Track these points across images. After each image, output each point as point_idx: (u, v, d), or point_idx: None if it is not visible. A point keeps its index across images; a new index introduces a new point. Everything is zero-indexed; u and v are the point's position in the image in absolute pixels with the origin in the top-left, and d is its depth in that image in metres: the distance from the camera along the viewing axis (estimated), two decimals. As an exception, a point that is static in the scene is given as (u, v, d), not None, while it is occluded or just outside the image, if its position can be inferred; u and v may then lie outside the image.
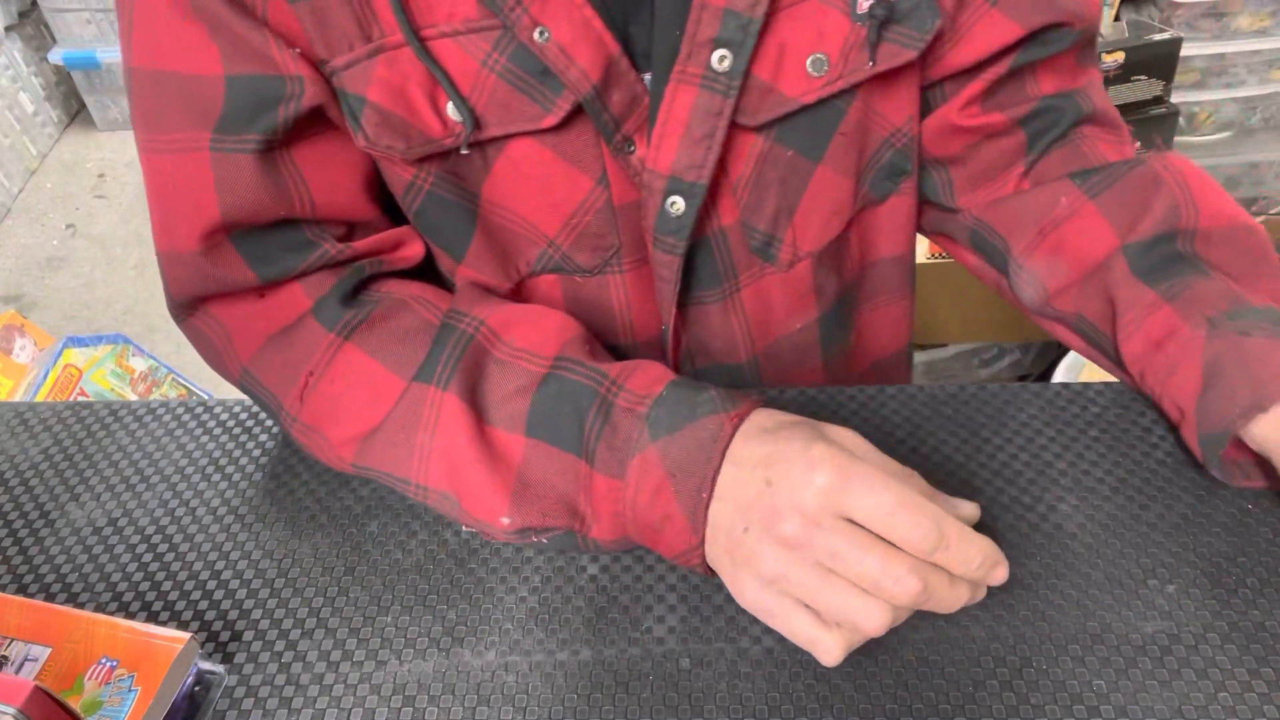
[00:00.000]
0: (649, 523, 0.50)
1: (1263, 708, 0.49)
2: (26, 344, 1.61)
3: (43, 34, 2.51)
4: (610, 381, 0.52)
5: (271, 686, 0.52)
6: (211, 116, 0.53)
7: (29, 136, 2.48)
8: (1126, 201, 0.61)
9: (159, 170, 0.55)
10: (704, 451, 0.49)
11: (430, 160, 0.57)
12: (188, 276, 0.57)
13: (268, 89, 0.53)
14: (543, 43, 0.52)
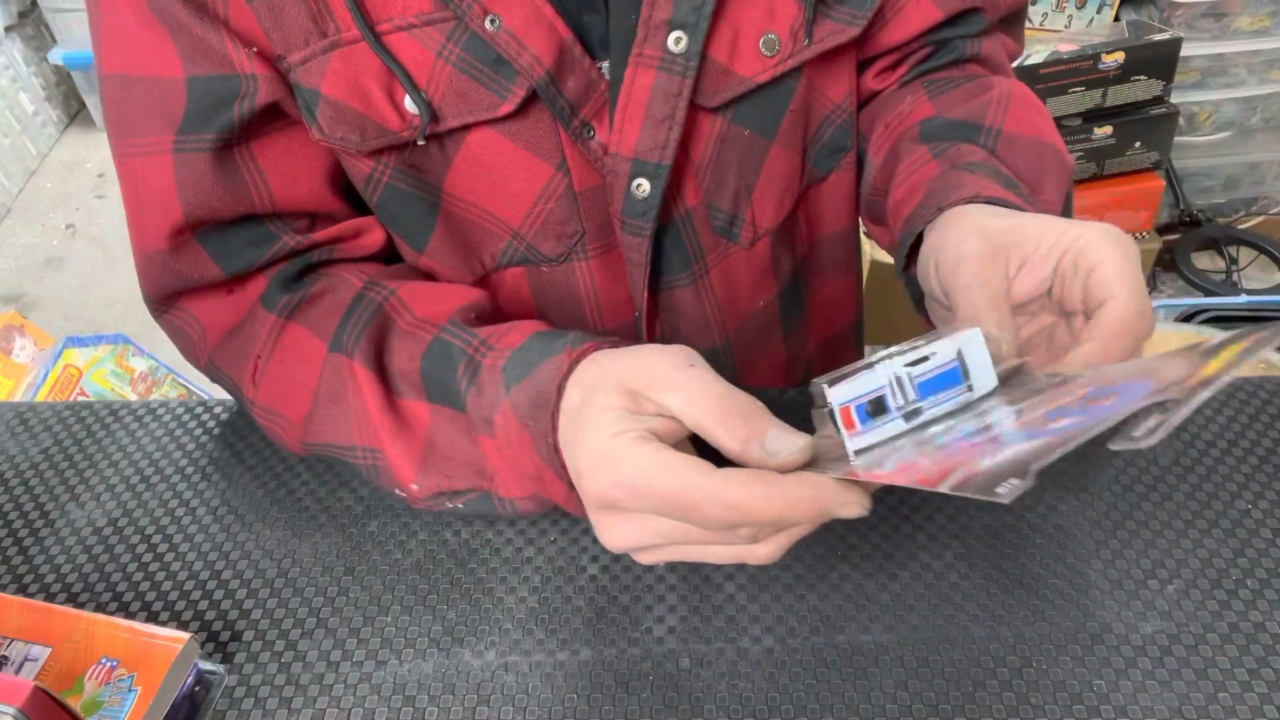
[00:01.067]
0: (533, 476, 0.49)
1: (1263, 708, 0.49)
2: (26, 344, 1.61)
3: (43, 34, 2.51)
4: (480, 342, 0.52)
5: (271, 686, 0.52)
6: (176, 119, 0.54)
7: (29, 136, 2.48)
8: (954, 100, 0.63)
9: (131, 174, 0.57)
10: (544, 394, 0.47)
11: (388, 153, 0.58)
12: (158, 274, 0.58)
13: (224, 88, 0.54)
14: (494, 30, 0.53)
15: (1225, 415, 0.64)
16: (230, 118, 0.54)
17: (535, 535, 0.58)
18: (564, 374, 0.46)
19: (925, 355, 0.40)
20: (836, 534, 0.57)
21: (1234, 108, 1.89)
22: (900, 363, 0.40)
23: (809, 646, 0.52)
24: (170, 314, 0.61)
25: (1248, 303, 1.59)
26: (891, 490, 0.59)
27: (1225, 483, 0.60)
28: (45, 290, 2.18)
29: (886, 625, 0.53)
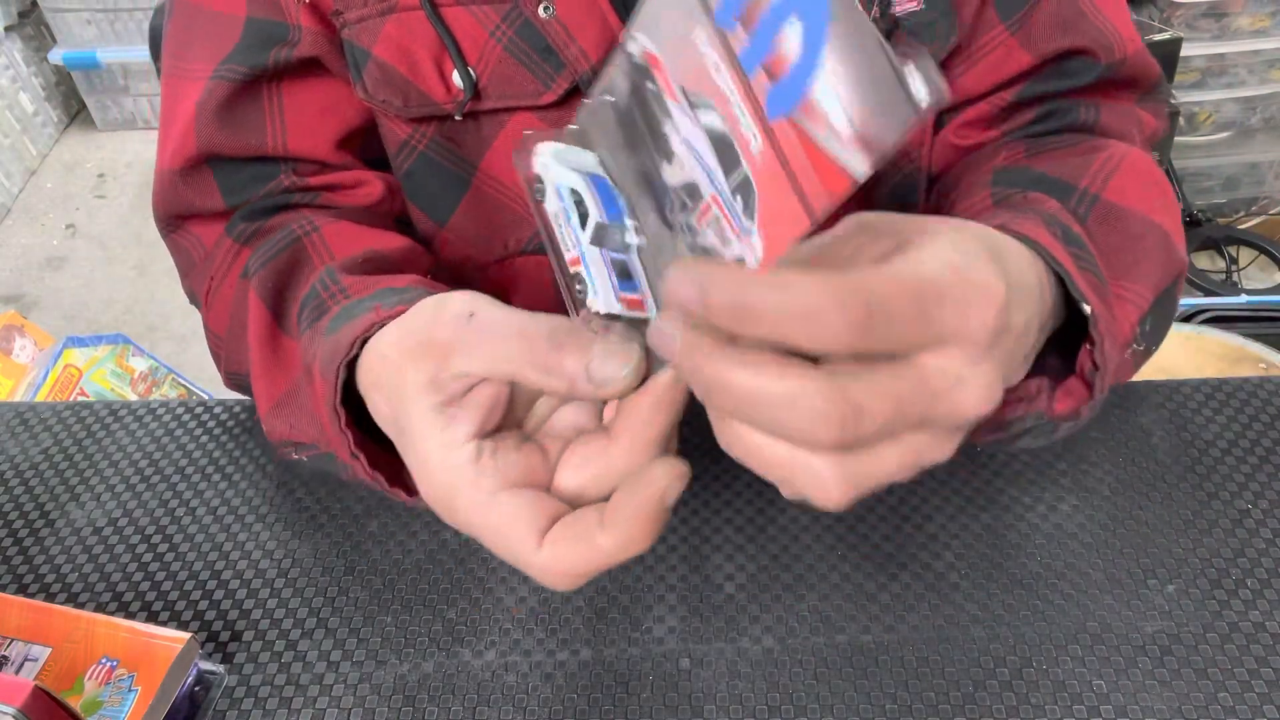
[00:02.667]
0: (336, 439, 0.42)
1: (1262, 708, 0.49)
2: (26, 344, 1.61)
3: (43, 34, 2.51)
4: (339, 289, 0.48)
5: (271, 686, 0.52)
6: (223, 51, 0.57)
7: (29, 136, 2.48)
8: (1054, 158, 0.53)
9: (169, 92, 0.60)
10: (338, 350, 0.41)
11: (427, 123, 0.59)
12: (165, 192, 0.60)
13: (271, 33, 0.56)
14: (546, 18, 0.53)
15: (1225, 415, 0.64)
16: (265, 60, 0.56)
17: (535, 535, 0.58)
18: (359, 332, 0.40)
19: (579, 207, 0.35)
20: (836, 534, 0.57)
21: (1234, 108, 1.89)
22: (576, 229, 0.35)
23: (809, 646, 0.52)
24: (177, 234, 0.62)
25: (1248, 303, 1.59)
26: (891, 490, 0.60)
27: (1225, 483, 0.60)
28: (45, 290, 2.18)
29: (886, 625, 0.53)
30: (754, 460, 0.31)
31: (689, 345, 0.29)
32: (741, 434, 0.31)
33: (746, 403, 0.29)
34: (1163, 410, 0.64)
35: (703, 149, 0.30)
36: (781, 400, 0.28)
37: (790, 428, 0.28)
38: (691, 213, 0.31)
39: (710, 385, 0.29)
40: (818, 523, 0.58)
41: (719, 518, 0.59)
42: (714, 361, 0.29)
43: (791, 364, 0.28)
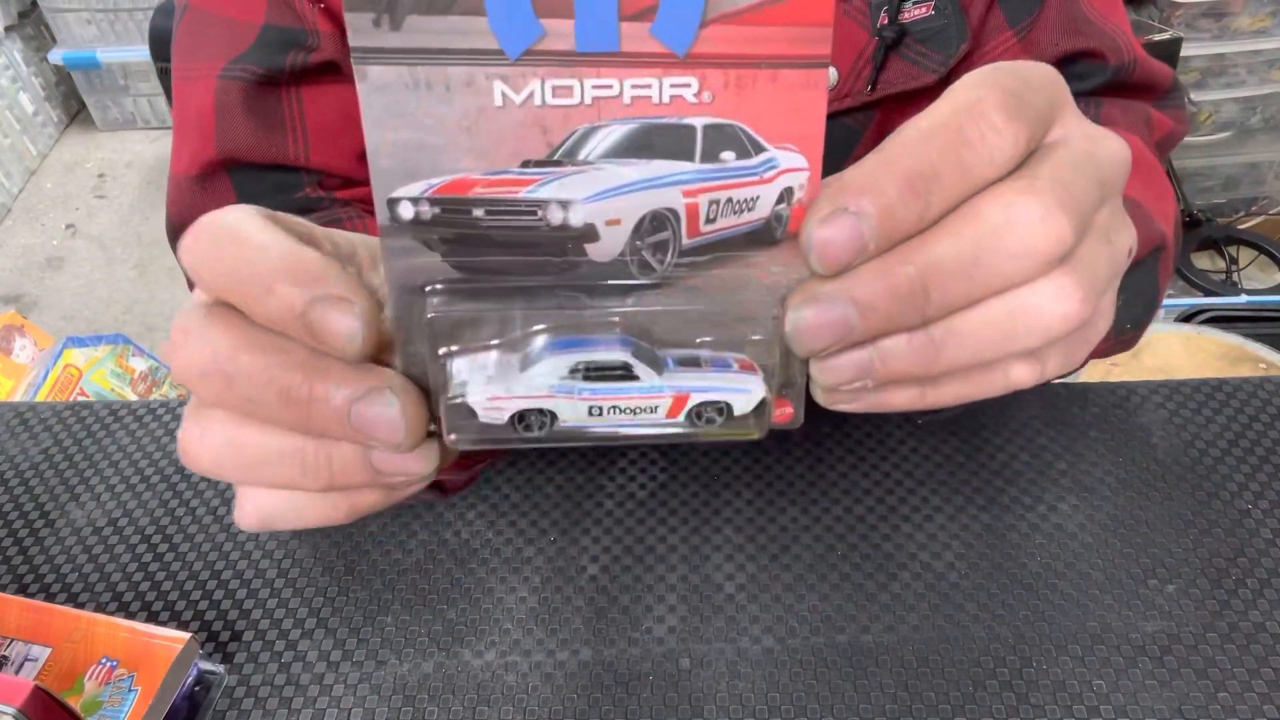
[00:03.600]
0: None
1: (1262, 708, 0.49)
2: (26, 344, 1.61)
3: (43, 34, 2.51)
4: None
5: (271, 686, 0.52)
6: (237, 52, 0.56)
7: (29, 136, 2.48)
8: None
9: (181, 96, 0.58)
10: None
11: None
12: (180, 200, 0.59)
13: (288, 37, 0.56)
14: None
15: (1225, 415, 0.64)
16: (282, 62, 0.55)
17: (535, 535, 0.58)
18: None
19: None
20: (836, 534, 0.57)
21: (1234, 108, 1.89)
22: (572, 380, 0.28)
23: (809, 646, 0.52)
24: None
25: (1248, 303, 1.59)
26: (891, 490, 0.60)
27: (1225, 483, 0.60)
28: (45, 290, 2.18)
29: (886, 625, 0.53)
30: (988, 336, 0.26)
31: (873, 276, 0.25)
32: (961, 324, 0.26)
33: (969, 259, 0.25)
34: (1163, 410, 0.64)
35: (635, 179, 0.26)
36: (1002, 225, 0.25)
37: (1016, 249, 0.25)
38: (667, 237, 0.27)
39: (924, 279, 0.25)
40: (818, 523, 0.58)
41: (719, 518, 0.59)
42: (910, 255, 0.25)
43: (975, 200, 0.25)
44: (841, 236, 0.25)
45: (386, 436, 0.27)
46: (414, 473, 0.28)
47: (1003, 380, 0.28)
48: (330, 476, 0.28)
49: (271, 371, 0.26)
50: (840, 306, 0.26)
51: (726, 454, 0.62)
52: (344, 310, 0.26)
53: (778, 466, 0.61)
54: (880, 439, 0.62)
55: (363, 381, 0.26)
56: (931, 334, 0.26)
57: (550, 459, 0.62)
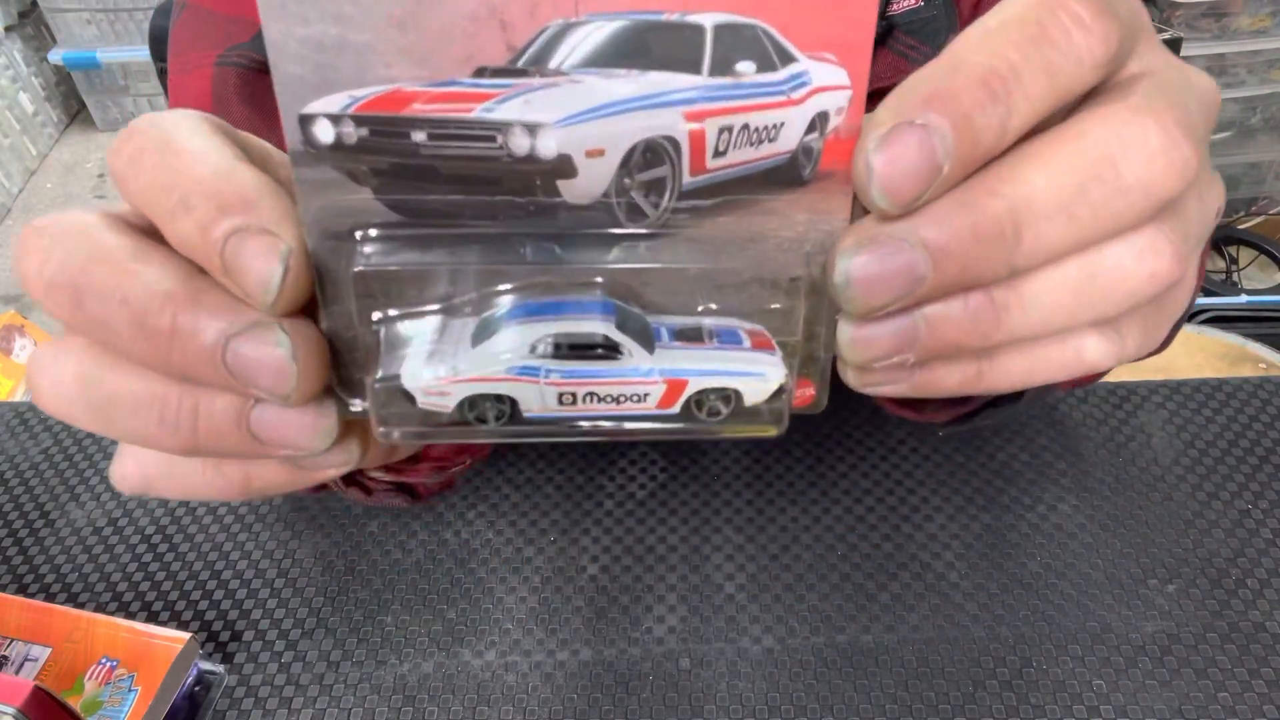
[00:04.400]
0: None
1: (1262, 708, 0.49)
2: (26, 344, 1.61)
3: (43, 34, 2.51)
4: None
5: (271, 686, 0.52)
6: (234, 42, 0.55)
7: (29, 136, 2.48)
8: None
9: (176, 89, 0.58)
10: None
11: None
12: None
13: None
14: None
15: (1225, 415, 0.64)
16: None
17: (535, 535, 0.58)
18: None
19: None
20: (836, 534, 0.57)
21: (1234, 108, 1.89)
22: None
23: (809, 646, 0.52)
24: None
25: (1248, 303, 1.59)
26: (891, 490, 0.60)
27: (1225, 483, 0.60)
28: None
29: (886, 625, 0.53)
30: (1061, 299, 0.22)
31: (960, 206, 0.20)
32: (1030, 283, 0.21)
33: (1073, 192, 0.20)
34: (1163, 410, 0.64)
35: (639, 92, 0.20)
36: (1114, 150, 0.20)
37: (1131, 181, 0.20)
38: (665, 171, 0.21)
39: (1015, 217, 0.20)
40: (818, 523, 0.58)
41: (719, 518, 0.59)
42: (996, 184, 0.20)
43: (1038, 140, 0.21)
44: (911, 157, 0.19)
45: (270, 384, 0.21)
46: (301, 445, 0.22)
47: (1074, 358, 0.23)
48: (194, 434, 0.22)
49: (128, 288, 0.21)
50: (908, 251, 0.20)
51: (726, 454, 0.62)
52: (268, 249, 0.20)
53: (778, 466, 0.61)
54: (880, 439, 0.62)
55: (244, 314, 0.21)
56: (992, 294, 0.21)
57: (550, 459, 0.62)
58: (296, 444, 0.22)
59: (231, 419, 0.22)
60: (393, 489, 0.46)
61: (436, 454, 0.43)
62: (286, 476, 0.25)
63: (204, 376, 0.21)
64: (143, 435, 0.23)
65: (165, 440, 0.23)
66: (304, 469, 0.24)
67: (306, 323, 0.22)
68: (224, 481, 0.25)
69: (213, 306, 0.21)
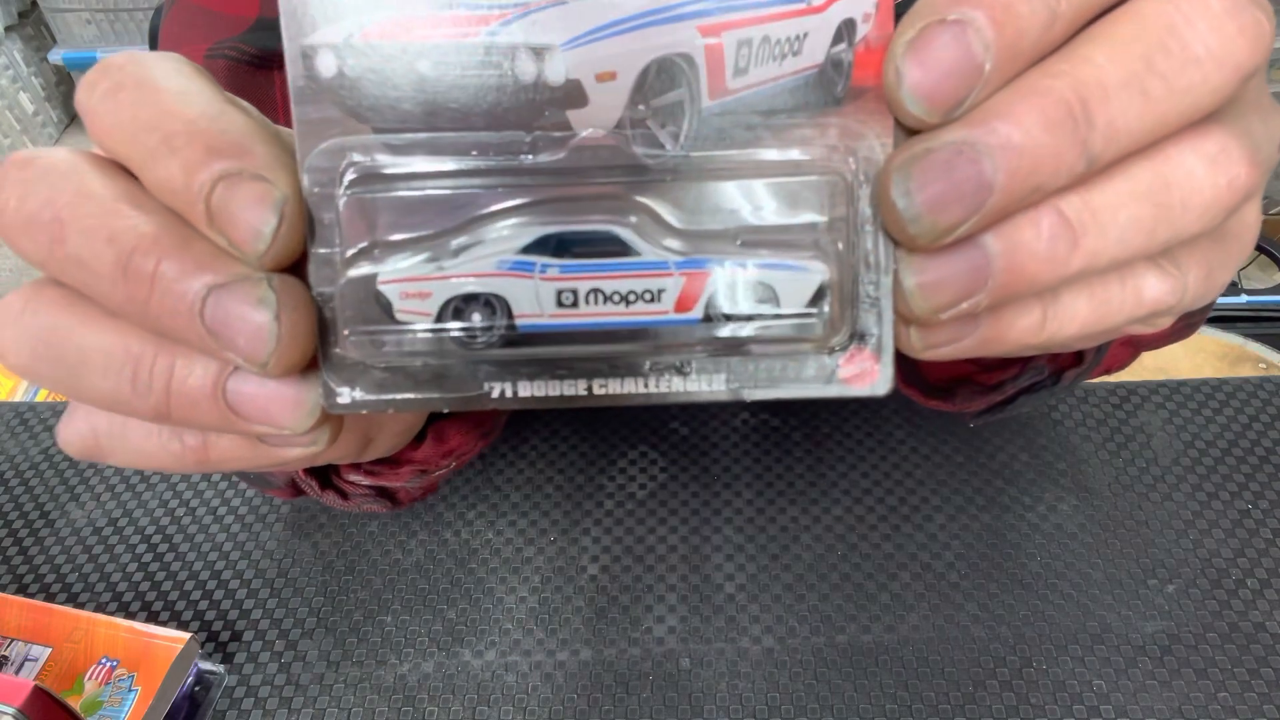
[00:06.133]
0: None
1: (1262, 707, 0.49)
2: (26, 344, 1.61)
3: (43, 34, 2.51)
4: None
5: (271, 686, 0.52)
6: (226, 35, 0.54)
7: (29, 136, 2.48)
8: None
9: None
10: None
11: None
12: None
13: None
14: None
15: (1225, 415, 0.64)
16: (274, 44, 0.54)
17: (535, 535, 0.58)
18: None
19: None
20: (836, 534, 0.57)
21: (1234, 108, 1.89)
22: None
23: (809, 646, 0.52)
24: None
25: (1248, 303, 1.59)
26: (891, 490, 0.60)
27: (1225, 483, 0.60)
28: None
29: (886, 625, 0.53)
30: (1137, 213, 0.20)
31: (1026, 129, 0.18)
32: (1102, 197, 0.19)
33: (1140, 64, 0.18)
34: (1163, 410, 0.64)
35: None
36: (1175, 19, 0.18)
37: (1200, 50, 0.18)
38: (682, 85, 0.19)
39: (1081, 95, 0.18)
40: (818, 523, 0.58)
41: (719, 518, 0.59)
42: (1054, 66, 0.18)
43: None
44: (946, 58, 0.17)
45: (247, 346, 0.19)
46: (279, 423, 0.21)
47: (1134, 298, 0.21)
48: (166, 400, 0.21)
49: (114, 228, 0.19)
50: (969, 154, 0.18)
51: (726, 454, 0.62)
52: (261, 196, 0.19)
53: (778, 466, 0.61)
54: (880, 439, 0.62)
55: (230, 266, 0.19)
56: (1065, 212, 0.19)
57: (550, 459, 0.62)
58: (274, 420, 0.21)
59: (208, 386, 0.20)
60: (371, 493, 0.45)
61: (419, 456, 0.42)
62: (247, 452, 0.23)
63: (181, 332, 0.20)
64: (111, 396, 0.21)
65: (135, 403, 0.21)
66: (267, 447, 0.22)
67: (296, 282, 0.20)
68: (179, 448, 0.23)
69: (200, 255, 0.19)
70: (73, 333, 0.21)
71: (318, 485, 0.41)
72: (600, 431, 0.64)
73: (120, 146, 0.20)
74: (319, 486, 0.42)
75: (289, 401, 0.20)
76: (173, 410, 0.21)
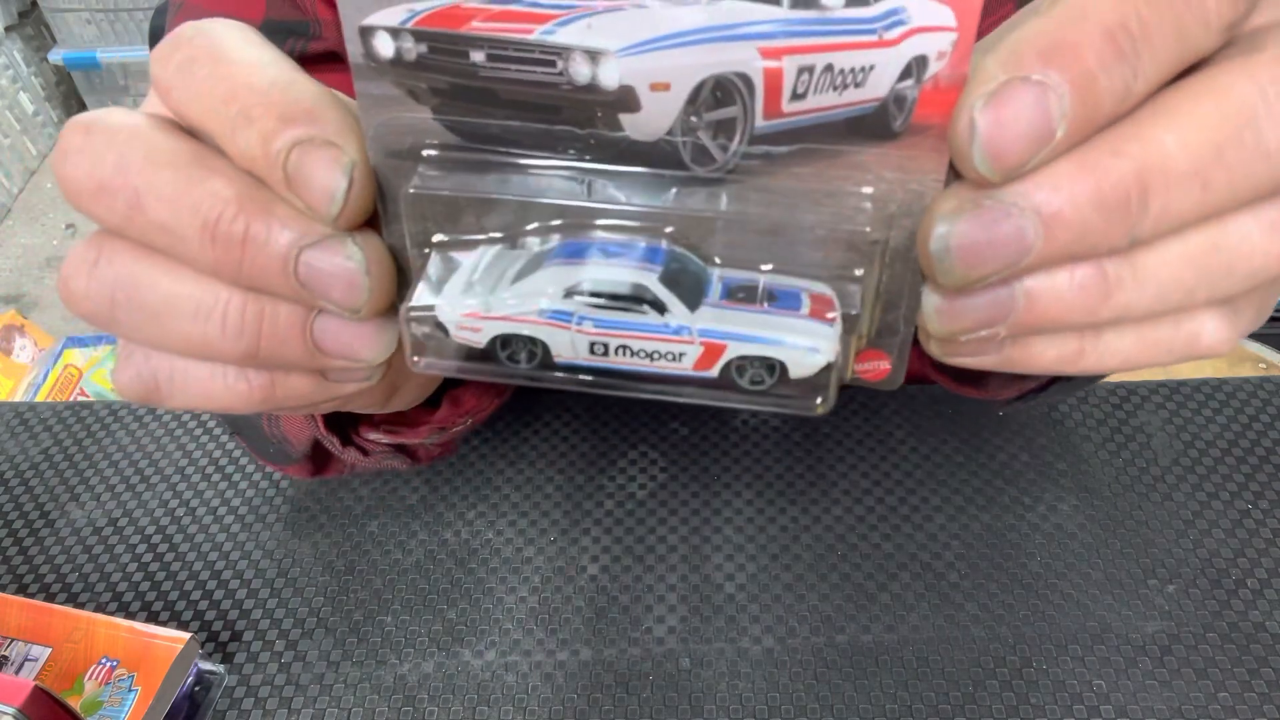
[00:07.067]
0: None
1: (1262, 707, 0.49)
2: (26, 344, 1.61)
3: (43, 34, 2.51)
4: None
5: (271, 686, 0.52)
6: None
7: (29, 136, 2.48)
8: None
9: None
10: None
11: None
12: None
13: (291, 27, 0.55)
14: None
15: (1225, 415, 0.64)
16: (280, 46, 0.54)
17: (535, 535, 0.58)
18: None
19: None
20: (836, 534, 0.57)
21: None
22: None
23: (809, 646, 0.52)
24: None
25: (1248, 303, 1.59)
26: (891, 490, 0.60)
27: (1225, 483, 0.60)
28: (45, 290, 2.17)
29: (886, 625, 0.53)
30: (1179, 274, 0.19)
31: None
32: (1146, 254, 0.19)
33: (1209, 154, 0.18)
34: (1163, 410, 0.64)
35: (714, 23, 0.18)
36: (1257, 108, 0.18)
37: (1275, 143, 0.18)
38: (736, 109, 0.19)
39: (1142, 181, 0.18)
40: (818, 523, 0.58)
41: (719, 518, 0.59)
42: (1121, 144, 0.18)
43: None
44: (1022, 119, 0.17)
45: (342, 297, 0.21)
46: (362, 356, 0.22)
47: (1187, 341, 0.20)
48: (257, 341, 0.22)
49: (197, 195, 0.20)
50: (1018, 218, 0.18)
51: (726, 454, 0.62)
52: (332, 161, 0.20)
53: (778, 466, 0.61)
54: (880, 439, 0.62)
55: (314, 226, 0.21)
56: (1104, 267, 0.19)
57: (550, 458, 0.62)
58: (359, 355, 0.22)
59: (297, 327, 0.22)
60: (391, 450, 0.46)
61: (436, 417, 0.43)
62: (311, 388, 0.24)
63: (273, 286, 0.21)
64: (199, 341, 0.22)
65: (225, 347, 0.22)
66: (330, 382, 0.24)
67: (375, 237, 0.22)
68: (246, 387, 0.23)
69: (284, 216, 0.20)
70: (156, 282, 0.21)
71: (339, 442, 0.41)
72: (600, 432, 0.64)
73: (200, 118, 0.21)
74: (340, 443, 0.42)
75: (370, 338, 0.22)
76: (262, 352, 0.22)
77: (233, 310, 0.21)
